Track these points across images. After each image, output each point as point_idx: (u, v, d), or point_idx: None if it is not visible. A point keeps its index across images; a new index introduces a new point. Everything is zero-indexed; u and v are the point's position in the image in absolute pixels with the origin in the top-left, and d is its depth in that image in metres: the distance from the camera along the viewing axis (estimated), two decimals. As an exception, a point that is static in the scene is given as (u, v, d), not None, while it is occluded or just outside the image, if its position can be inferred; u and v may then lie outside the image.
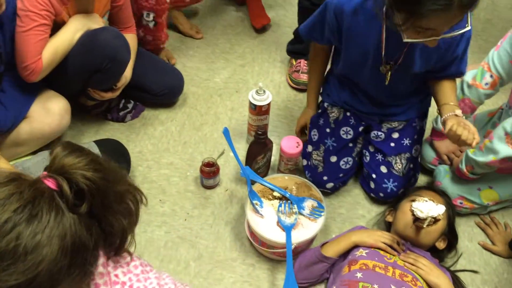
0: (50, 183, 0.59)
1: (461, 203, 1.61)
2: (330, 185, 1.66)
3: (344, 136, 1.67)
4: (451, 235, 1.49)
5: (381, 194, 1.64)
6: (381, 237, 1.40)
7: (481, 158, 1.49)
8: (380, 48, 1.41)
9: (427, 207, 1.35)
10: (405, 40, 1.22)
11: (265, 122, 1.76)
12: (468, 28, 1.23)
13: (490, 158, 1.46)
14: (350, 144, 1.68)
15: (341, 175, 1.67)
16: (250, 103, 1.69)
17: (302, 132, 1.81)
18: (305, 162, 1.71)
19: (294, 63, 2.09)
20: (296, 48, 2.07)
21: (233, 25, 2.39)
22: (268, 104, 1.70)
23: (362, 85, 1.60)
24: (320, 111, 1.73)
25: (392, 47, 1.40)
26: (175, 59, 2.16)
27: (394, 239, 1.40)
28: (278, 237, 1.41)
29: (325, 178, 1.65)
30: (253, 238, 1.50)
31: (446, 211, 1.39)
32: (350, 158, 1.68)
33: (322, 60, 1.68)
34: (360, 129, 1.68)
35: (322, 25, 1.49)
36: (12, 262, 0.54)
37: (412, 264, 1.34)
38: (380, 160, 1.65)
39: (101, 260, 0.72)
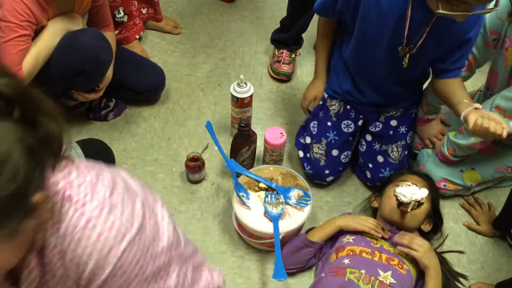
0: None
1: (444, 185, 1.63)
2: (330, 178, 1.67)
3: (346, 130, 1.66)
4: (436, 218, 1.51)
5: (378, 183, 1.66)
6: (365, 221, 1.41)
7: (463, 141, 1.51)
8: (401, 29, 1.37)
9: (410, 191, 1.37)
10: (440, 11, 1.19)
11: (248, 114, 1.76)
12: (497, 8, 1.20)
13: (471, 140, 1.49)
14: (350, 138, 1.68)
15: (340, 168, 1.69)
16: (232, 96, 1.69)
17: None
18: (301, 154, 1.71)
19: (277, 53, 2.09)
20: (280, 38, 2.07)
21: (213, 19, 2.38)
22: (250, 96, 1.70)
23: (370, 70, 1.55)
24: (320, 102, 1.71)
25: (414, 28, 1.37)
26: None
27: (378, 225, 1.42)
28: (266, 227, 1.42)
29: (326, 171, 1.65)
30: (241, 230, 1.51)
31: (429, 194, 1.41)
32: (349, 152, 1.69)
33: (331, 38, 1.65)
34: (360, 122, 1.68)
35: None
36: None
37: (407, 246, 1.34)
38: (377, 150, 1.66)
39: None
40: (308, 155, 1.68)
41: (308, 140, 1.69)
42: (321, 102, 1.69)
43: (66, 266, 0.70)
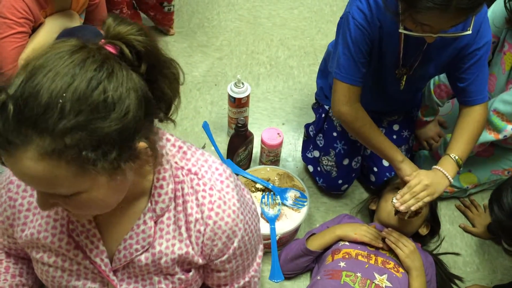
0: (111, 49, 0.67)
1: None
2: (345, 187, 1.66)
3: (353, 138, 1.63)
4: (433, 222, 1.51)
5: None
6: (366, 232, 1.39)
7: None
8: (398, 51, 1.35)
9: None
10: (400, 30, 1.19)
11: (245, 114, 1.76)
12: (468, 32, 1.17)
13: None
14: (358, 144, 1.65)
15: (353, 175, 1.67)
16: (229, 96, 1.68)
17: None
18: (311, 169, 1.68)
19: None
20: None
21: (210, 18, 2.38)
22: (247, 96, 1.70)
23: (377, 87, 1.50)
24: (323, 115, 1.66)
25: (410, 50, 1.35)
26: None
27: (378, 236, 1.40)
28: (262, 228, 1.41)
29: (340, 181, 1.64)
30: (237, 231, 1.50)
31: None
32: (359, 157, 1.67)
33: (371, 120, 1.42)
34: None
35: (360, 50, 1.31)
36: (103, 111, 0.61)
37: (392, 243, 1.35)
38: None
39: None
40: (318, 168, 1.66)
41: (316, 154, 1.66)
42: (323, 115, 1.66)
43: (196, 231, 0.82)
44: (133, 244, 0.82)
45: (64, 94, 0.59)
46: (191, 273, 0.87)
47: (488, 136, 1.48)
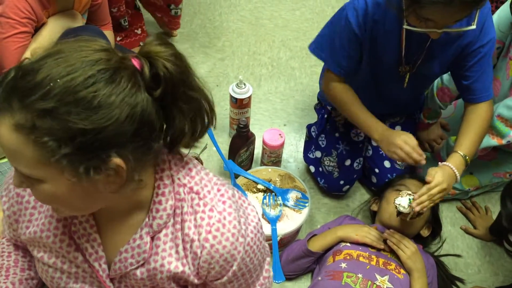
0: (135, 62, 0.68)
1: None
2: (346, 188, 1.66)
3: (355, 139, 1.64)
4: (435, 223, 1.51)
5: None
6: (367, 233, 1.39)
7: None
8: (400, 49, 1.35)
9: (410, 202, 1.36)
10: (405, 26, 1.19)
11: (247, 115, 1.76)
12: (473, 27, 1.17)
13: None
14: (360, 145, 1.66)
15: (354, 176, 1.67)
16: (231, 96, 1.68)
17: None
18: (313, 169, 1.68)
19: None
20: None
21: (211, 19, 2.38)
22: (249, 97, 1.70)
23: (380, 86, 1.52)
24: (325, 115, 1.67)
25: (413, 47, 1.35)
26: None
27: (380, 237, 1.39)
28: (264, 229, 1.41)
29: (341, 182, 1.63)
30: (238, 231, 1.50)
31: None
32: (361, 158, 1.67)
33: (356, 96, 1.46)
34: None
35: (346, 42, 1.35)
36: (85, 109, 0.62)
37: (394, 244, 1.35)
38: (384, 155, 1.63)
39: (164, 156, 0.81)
40: (320, 169, 1.66)
41: (318, 154, 1.66)
42: (325, 116, 1.66)
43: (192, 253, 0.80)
44: (128, 258, 0.81)
45: (58, 80, 0.61)
46: None
47: (492, 141, 1.48)
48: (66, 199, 0.70)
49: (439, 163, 1.34)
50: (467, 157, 1.33)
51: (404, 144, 1.31)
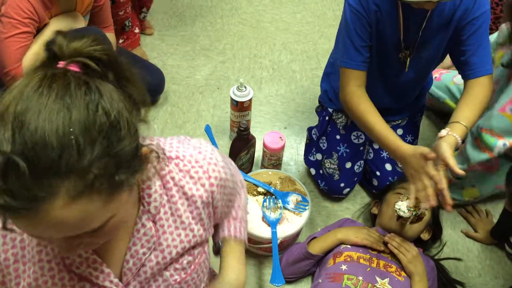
0: (74, 68, 0.62)
1: None
2: (346, 190, 1.66)
3: (356, 141, 1.64)
4: (435, 227, 1.50)
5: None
6: (367, 235, 1.39)
7: (460, 165, 1.50)
8: (398, 34, 1.35)
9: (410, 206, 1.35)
10: (401, 0, 1.19)
11: (247, 118, 1.76)
12: None
13: (465, 166, 1.50)
14: (361, 148, 1.66)
15: (355, 179, 1.67)
16: (232, 99, 1.69)
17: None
18: (313, 172, 1.68)
19: None
20: None
21: (213, 22, 2.38)
22: (250, 100, 1.70)
23: (384, 78, 1.50)
24: (327, 118, 1.66)
25: (409, 32, 1.35)
26: None
27: (380, 239, 1.40)
28: (264, 232, 1.42)
29: (342, 185, 1.63)
30: (238, 234, 1.50)
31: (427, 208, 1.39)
32: (362, 161, 1.67)
33: (372, 104, 1.40)
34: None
35: (361, 31, 1.34)
36: (117, 131, 0.59)
37: (395, 248, 1.35)
38: (385, 158, 1.63)
39: None
40: (320, 171, 1.66)
41: (319, 156, 1.67)
42: (327, 118, 1.66)
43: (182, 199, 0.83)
44: (139, 249, 0.81)
45: (71, 129, 0.55)
46: (197, 250, 0.88)
47: (483, 155, 1.47)
48: (126, 216, 0.69)
49: (442, 132, 1.26)
50: (468, 128, 1.28)
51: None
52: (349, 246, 1.39)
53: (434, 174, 1.17)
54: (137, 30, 2.14)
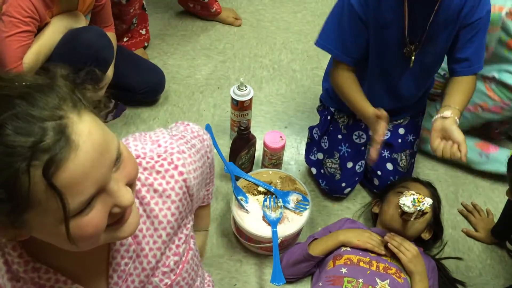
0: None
1: None
2: (347, 190, 1.65)
3: (358, 141, 1.64)
4: (436, 226, 1.50)
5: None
6: (369, 239, 1.39)
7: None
8: (403, 28, 1.35)
9: (414, 201, 1.35)
10: None
11: (248, 117, 1.76)
12: None
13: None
14: (363, 148, 1.65)
15: (356, 178, 1.67)
16: (232, 98, 1.69)
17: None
18: (314, 171, 1.68)
19: None
20: None
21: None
22: (250, 99, 1.70)
23: (386, 77, 1.52)
24: (328, 117, 1.66)
25: (415, 26, 1.35)
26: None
27: (382, 243, 1.39)
28: (264, 231, 1.41)
29: (343, 184, 1.63)
30: (239, 234, 1.50)
31: (432, 203, 1.39)
32: (363, 161, 1.66)
33: (356, 82, 1.47)
34: (371, 132, 1.60)
35: (352, 28, 1.37)
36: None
37: (395, 247, 1.34)
38: (386, 157, 1.63)
39: None
40: (322, 171, 1.66)
41: (320, 156, 1.66)
42: (328, 117, 1.66)
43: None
44: (120, 261, 0.77)
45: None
46: (182, 248, 0.85)
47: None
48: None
49: (446, 113, 1.31)
50: (458, 110, 1.33)
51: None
52: (349, 249, 1.38)
53: (377, 128, 1.30)
54: (144, 32, 2.15)
